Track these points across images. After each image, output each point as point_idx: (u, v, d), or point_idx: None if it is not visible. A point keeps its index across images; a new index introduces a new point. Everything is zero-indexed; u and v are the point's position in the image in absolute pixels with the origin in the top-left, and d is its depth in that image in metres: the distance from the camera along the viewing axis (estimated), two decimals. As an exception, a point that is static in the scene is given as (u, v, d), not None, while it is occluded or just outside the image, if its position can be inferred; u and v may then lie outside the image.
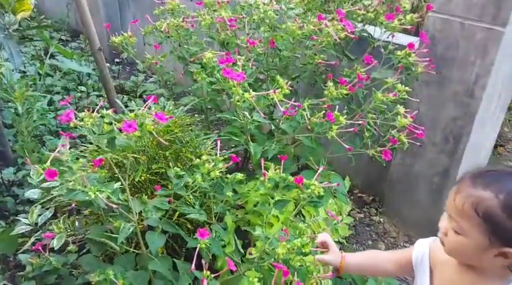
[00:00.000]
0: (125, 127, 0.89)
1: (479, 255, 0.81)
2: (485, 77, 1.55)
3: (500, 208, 0.76)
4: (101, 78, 2.33)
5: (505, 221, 0.76)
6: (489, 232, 0.78)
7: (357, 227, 2.09)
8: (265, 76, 1.73)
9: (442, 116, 1.74)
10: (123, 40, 1.78)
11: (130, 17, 3.53)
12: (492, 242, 0.78)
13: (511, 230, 0.76)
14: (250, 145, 1.50)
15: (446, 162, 1.81)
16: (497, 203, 0.76)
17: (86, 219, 1.51)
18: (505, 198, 0.76)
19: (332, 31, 1.41)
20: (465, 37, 1.55)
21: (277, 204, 1.13)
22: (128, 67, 3.55)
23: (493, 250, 0.79)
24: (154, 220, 1.08)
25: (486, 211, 0.77)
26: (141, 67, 1.88)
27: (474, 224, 0.80)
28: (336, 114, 1.32)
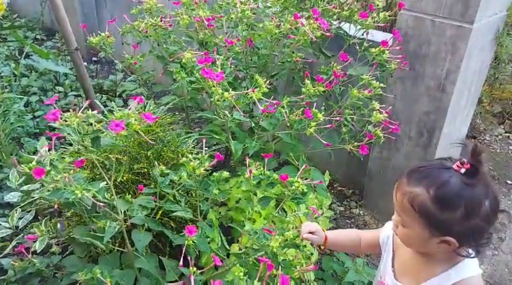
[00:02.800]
0: (113, 126, 0.91)
1: (424, 244, 0.89)
2: (456, 72, 1.61)
3: (432, 202, 0.83)
4: (79, 78, 2.30)
5: (438, 214, 0.83)
6: (427, 224, 0.85)
7: (337, 220, 2.14)
8: (244, 74, 1.75)
9: (416, 111, 1.80)
10: (101, 40, 1.77)
11: (107, 16, 3.48)
12: (432, 232, 0.86)
13: (445, 221, 0.83)
14: (231, 142, 1.52)
15: (421, 155, 1.87)
16: (428, 197, 0.83)
17: (68, 221, 1.51)
18: (435, 193, 0.83)
19: (308, 30, 1.44)
20: (436, 34, 1.61)
21: (261, 201, 1.16)
22: (106, 66, 3.51)
23: (434, 239, 0.86)
24: (139, 219, 1.10)
25: (421, 206, 0.84)
26: (120, 66, 1.87)
27: (413, 218, 0.87)
28: (314, 111, 1.36)
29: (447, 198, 0.82)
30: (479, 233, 0.84)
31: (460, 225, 0.82)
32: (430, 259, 0.92)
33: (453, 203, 0.82)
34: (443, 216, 0.83)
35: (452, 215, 0.82)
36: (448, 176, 0.82)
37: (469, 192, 0.81)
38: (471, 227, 0.82)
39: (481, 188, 0.82)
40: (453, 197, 0.82)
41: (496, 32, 1.73)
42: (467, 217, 0.81)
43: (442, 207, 0.83)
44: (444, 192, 0.82)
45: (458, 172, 0.82)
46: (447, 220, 0.83)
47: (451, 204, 0.82)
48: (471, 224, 0.82)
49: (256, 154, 1.57)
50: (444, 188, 0.82)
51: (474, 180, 0.81)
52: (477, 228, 0.83)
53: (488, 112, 2.66)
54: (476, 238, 0.85)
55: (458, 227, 0.83)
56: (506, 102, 2.80)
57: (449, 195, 0.82)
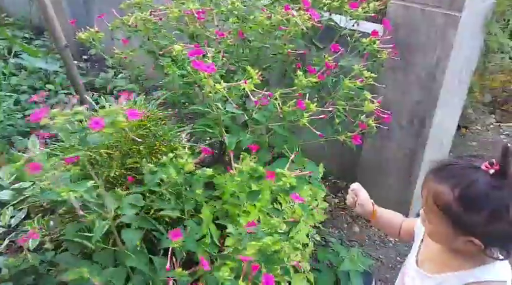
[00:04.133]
0: (92, 124, 0.89)
1: (449, 242, 0.87)
2: (446, 61, 1.62)
3: (456, 202, 0.81)
4: (69, 76, 2.28)
5: (462, 214, 0.81)
6: (450, 223, 0.84)
7: (332, 212, 2.16)
8: (236, 67, 1.75)
9: (407, 100, 1.81)
10: (90, 36, 1.75)
11: (97, 13, 3.45)
12: (456, 232, 0.84)
13: (469, 222, 0.81)
14: (224, 136, 1.52)
15: (413, 144, 1.89)
16: (453, 197, 0.81)
17: (61, 218, 1.50)
18: (460, 193, 0.80)
19: (299, 21, 1.44)
20: (426, 22, 1.62)
21: (250, 196, 1.16)
22: (97, 64, 3.48)
23: (460, 238, 0.84)
24: (129, 217, 1.09)
25: (445, 205, 0.83)
26: (110, 62, 1.86)
27: (438, 216, 0.85)
28: (307, 102, 1.36)
29: (472, 199, 0.80)
30: (506, 237, 0.81)
31: (484, 228, 0.80)
32: (458, 255, 0.90)
33: (478, 204, 0.80)
34: (467, 217, 0.81)
35: (476, 217, 0.80)
36: (475, 176, 0.80)
37: (496, 195, 0.79)
38: (497, 230, 0.80)
39: (509, 191, 0.79)
40: (479, 198, 0.80)
41: (484, 20, 1.74)
42: (492, 220, 0.79)
43: (467, 208, 0.81)
44: (469, 193, 0.80)
45: (487, 172, 0.79)
46: (471, 221, 0.81)
47: (476, 205, 0.80)
48: (497, 228, 0.80)
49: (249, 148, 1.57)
50: (469, 189, 0.80)
51: (503, 183, 0.78)
52: (504, 232, 0.80)
53: (479, 102, 2.68)
54: (504, 242, 0.82)
55: (483, 230, 0.81)
56: (497, 91, 2.82)
57: (474, 197, 0.80)
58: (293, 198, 1.20)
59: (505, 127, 2.90)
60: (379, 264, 1.92)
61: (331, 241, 1.92)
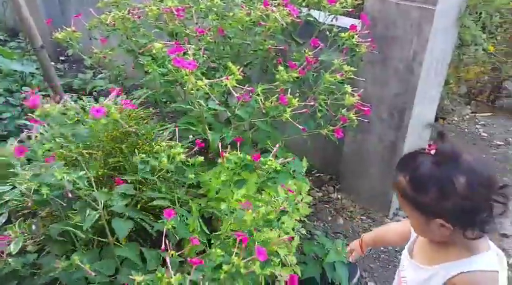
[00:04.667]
0: (93, 111, 0.90)
1: (428, 229, 0.89)
2: (422, 53, 1.67)
3: (409, 187, 0.86)
4: (46, 77, 2.23)
5: (416, 197, 0.86)
6: (414, 209, 0.88)
7: (317, 205, 2.18)
8: (217, 64, 1.75)
9: (386, 93, 1.85)
10: (67, 36, 1.72)
11: (73, 13, 3.38)
12: (425, 216, 0.87)
13: (425, 203, 0.85)
14: (208, 133, 1.52)
15: (393, 136, 1.93)
16: (406, 183, 0.87)
17: (42, 221, 1.47)
18: (409, 178, 0.86)
19: (279, 16, 1.45)
20: (402, 16, 1.66)
21: (237, 184, 1.18)
22: (74, 65, 3.42)
23: (432, 223, 0.87)
24: (119, 207, 1.09)
25: (403, 192, 0.88)
26: (89, 62, 1.83)
27: (405, 206, 0.90)
28: (289, 97, 1.38)
29: (420, 180, 0.85)
30: (466, 212, 0.83)
31: (440, 206, 0.83)
32: (448, 247, 0.92)
33: (426, 184, 0.84)
34: (421, 199, 0.85)
35: (428, 196, 0.84)
36: (420, 160, 0.86)
37: (439, 172, 0.83)
38: (452, 206, 0.83)
39: (450, 166, 0.83)
40: (425, 178, 0.84)
41: (458, 13, 1.80)
42: (442, 196, 0.83)
43: (417, 190, 0.85)
44: (416, 176, 0.85)
45: (429, 154, 0.85)
46: (425, 202, 0.85)
47: (424, 186, 0.84)
48: (451, 204, 0.82)
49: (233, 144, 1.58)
50: (416, 172, 0.85)
51: (443, 161, 0.83)
52: (461, 207, 0.83)
53: (455, 93, 2.76)
54: (467, 218, 0.84)
55: (440, 208, 0.84)
56: (472, 83, 2.91)
57: (421, 178, 0.85)
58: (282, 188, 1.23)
59: (480, 117, 2.99)
60: (363, 255, 1.95)
61: (316, 234, 1.95)
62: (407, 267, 1.03)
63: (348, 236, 2.03)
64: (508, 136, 2.79)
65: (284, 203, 1.34)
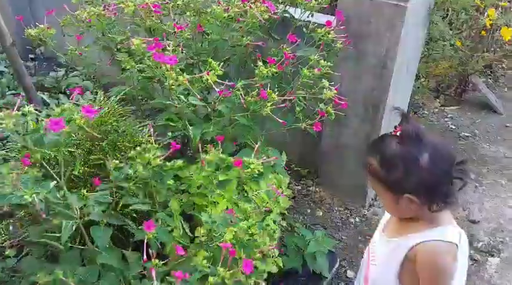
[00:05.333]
0: (52, 125, 0.87)
1: (397, 207, 0.98)
2: (395, 49, 1.73)
3: (379, 166, 0.95)
4: (17, 76, 2.16)
5: (387, 175, 0.94)
6: (385, 188, 0.97)
7: (296, 198, 2.23)
8: (195, 61, 1.75)
9: (361, 88, 1.90)
10: (40, 32, 1.69)
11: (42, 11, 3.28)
12: (394, 194, 0.96)
13: (394, 181, 0.94)
14: (188, 129, 1.53)
15: (368, 130, 1.99)
16: (376, 162, 0.95)
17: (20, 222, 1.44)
18: (380, 158, 0.95)
19: (257, 12, 1.48)
20: (375, 13, 1.71)
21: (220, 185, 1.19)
22: (45, 63, 3.32)
23: (401, 200, 0.95)
24: (97, 215, 1.07)
25: (373, 172, 0.97)
26: (63, 59, 1.79)
27: (377, 186, 0.99)
28: (269, 91, 1.40)
29: (388, 159, 0.94)
30: (431, 186, 0.92)
31: (407, 181, 0.92)
32: (415, 221, 1.00)
33: (393, 162, 0.93)
34: (391, 176, 0.94)
35: (397, 173, 0.92)
36: (388, 141, 0.95)
37: (401, 150, 0.92)
38: (418, 181, 0.91)
39: (413, 144, 0.92)
40: (392, 157, 0.93)
41: (427, 10, 1.87)
42: (408, 172, 0.92)
43: (387, 168, 0.94)
44: (385, 155, 0.94)
45: (395, 135, 0.94)
46: (395, 179, 0.93)
47: (393, 164, 0.93)
48: (417, 178, 0.91)
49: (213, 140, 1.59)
50: (384, 152, 0.95)
51: (406, 139, 0.92)
52: (426, 181, 0.91)
53: (424, 87, 2.86)
54: (432, 191, 0.93)
55: (407, 183, 0.92)
56: (440, 77, 3.03)
57: (389, 157, 0.94)
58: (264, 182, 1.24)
59: (448, 110, 3.12)
60: (342, 244, 2.01)
61: (296, 226, 1.99)
62: (378, 242, 1.12)
63: (327, 227, 2.09)
64: (475, 128, 2.92)
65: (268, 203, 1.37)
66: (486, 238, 2.06)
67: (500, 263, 1.94)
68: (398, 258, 1.00)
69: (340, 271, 1.87)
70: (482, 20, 2.34)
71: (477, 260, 1.96)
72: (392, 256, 1.02)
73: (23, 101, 2.17)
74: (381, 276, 1.07)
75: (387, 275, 1.03)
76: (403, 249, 0.99)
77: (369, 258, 1.13)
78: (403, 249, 0.99)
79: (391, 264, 1.02)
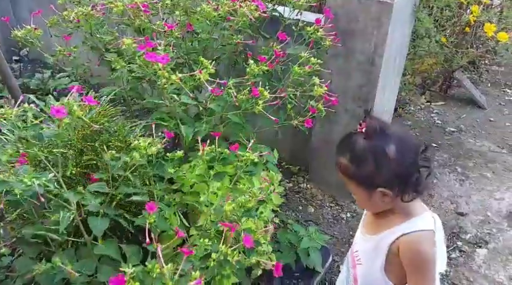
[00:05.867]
0: (53, 112, 0.88)
1: (372, 202, 1.00)
2: (382, 46, 1.76)
3: (349, 164, 0.97)
4: (2, 77, 2.13)
5: (357, 171, 0.97)
6: (358, 184, 0.99)
7: (287, 195, 2.24)
8: (185, 60, 1.75)
9: (350, 85, 1.93)
10: (27, 34, 1.66)
11: (25, 12, 3.23)
12: (367, 189, 0.98)
13: (367, 176, 0.96)
14: (180, 127, 1.53)
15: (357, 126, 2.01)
16: (347, 160, 0.97)
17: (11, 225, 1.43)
18: (349, 155, 0.97)
19: (247, 11, 1.48)
20: (363, 10, 1.74)
21: (216, 177, 1.20)
22: (29, 65, 3.27)
23: (374, 194, 0.97)
24: (94, 206, 1.08)
25: (345, 170, 0.99)
26: (51, 60, 1.77)
27: (350, 184, 1.01)
28: (260, 89, 1.41)
29: (358, 155, 0.96)
30: (402, 176, 0.95)
31: (379, 174, 0.94)
32: (390, 215, 1.03)
33: (362, 158, 0.95)
34: (361, 172, 0.96)
35: (368, 168, 0.95)
36: (355, 138, 0.97)
37: (370, 145, 0.94)
38: (389, 173, 0.94)
39: (380, 138, 0.94)
40: (360, 152, 0.95)
41: (413, 7, 1.91)
42: (379, 165, 0.94)
43: (357, 164, 0.96)
44: (354, 152, 0.96)
45: (361, 132, 0.96)
46: (367, 174, 0.95)
47: (362, 159, 0.95)
48: (388, 171, 0.94)
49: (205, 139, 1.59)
50: (353, 149, 0.96)
51: (371, 134, 0.94)
52: (396, 173, 0.94)
53: (411, 84, 2.91)
54: (404, 182, 0.95)
55: (379, 177, 0.94)
56: (426, 74, 3.08)
57: (358, 153, 0.95)
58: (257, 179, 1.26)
59: (434, 106, 3.18)
60: (334, 240, 2.04)
61: (289, 223, 2.01)
62: (359, 241, 1.14)
63: (318, 223, 2.11)
64: (460, 123, 2.98)
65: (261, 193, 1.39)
66: (474, 230, 2.11)
67: (487, 254, 1.98)
68: (381, 254, 1.02)
69: (333, 266, 1.90)
70: (465, 16, 2.39)
71: (466, 251, 2.00)
72: (375, 253, 1.04)
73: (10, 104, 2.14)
74: (368, 273, 1.09)
75: (373, 272, 1.05)
76: (384, 245, 1.01)
77: (355, 258, 1.14)
78: (385, 244, 1.01)
79: (376, 260, 1.04)
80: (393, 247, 1.00)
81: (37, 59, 3.27)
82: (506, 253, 1.98)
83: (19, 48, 3.19)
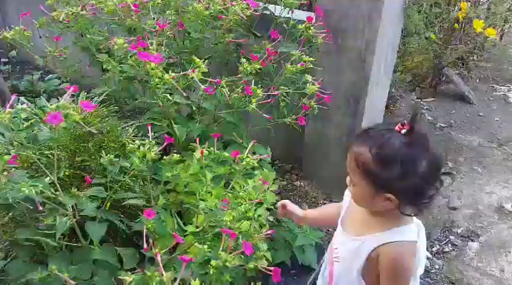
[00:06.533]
0: (50, 119, 0.87)
1: (371, 202, 0.95)
2: (373, 43, 1.77)
3: (373, 160, 0.89)
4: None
5: (379, 172, 0.89)
6: (370, 181, 0.92)
7: (281, 193, 2.25)
8: (176, 59, 1.75)
9: (342, 82, 1.94)
10: (16, 35, 1.65)
11: (13, 13, 3.19)
12: (376, 190, 0.92)
13: (385, 179, 0.89)
14: (174, 127, 1.52)
15: (350, 123, 2.03)
16: (370, 156, 0.90)
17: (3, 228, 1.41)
18: (376, 152, 0.89)
19: (239, 10, 1.49)
20: (353, 8, 1.75)
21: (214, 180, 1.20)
22: (18, 67, 3.24)
23: (380, 196, 0.92)
24: (91, 210, 1.07)
25: (364, 164, 0.91)
26: (41, 62, 1.75)
27: (359, 177, 0.93)
28: (253, 87, 1.42)
29: (386, 156, 0.88)
30: (418, 192, 0.90)
31: (399, 182, 0.88)
32: (378, 219, 0.99)
33: (391, 161, 0.87)
34: (383, 174, 0.89)
35: (391, 172, 0.88)
36: (389, 136, 0.89)
37: (405, 151, 0.87)
38: (409, 185, 0.88)
39: (418, 148, 0.87)
40: (392, 155, 0.88)
41: (403, 4, 1.92)
42: (404, 174, 0.87)
43: (382, 165, 0.88)
44: (383, 151, 0.88)
45: (399, 133, 0.89)
46: (386, 177, 0.89)
47: (390, 162, 0.88)
48: (410, 183, 0.88)
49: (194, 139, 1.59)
50: (383, 148, 0.88)
51: (411, 140, 0.87)
52: (416, 187, 0.89)
53: (401, 81, 2.94)
54: (416, 197, 0.91)
55: (397, 185, 0.89)
56: (416, 71, 3.11)
57: (388, 154, 0.88)
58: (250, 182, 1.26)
59: (425, 102, 3.21)
60: (329, 236, 2.05)
61: (283, 220, 2.01)
62: (340, 239, 1.09)
63: (313, 220, 2.12)
64: (450, 118, 3.02)
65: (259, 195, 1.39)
66: (466, 223, 2.14)
67: (479, 247, 2.01)
68: (361, 258, 0.99)
69: (328, 262, 1.91)
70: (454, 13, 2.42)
71: (458, 245, 2.03)
72: (355, 255, 1.01)
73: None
74: (344, 272, 1.06)
75: (350, 272, 1.03)
76: (366, 249, 0.99)
77: (333, 255, 1.11)
78: (366, 249, 0.98)
79: (354, 261, 1.01)
80: (373, 254, 0.97)
81: (25, 61, 3.24)
82: (497, 245, 2.01)
83: (7, 49, 3.15)
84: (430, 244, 2.02)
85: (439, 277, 1.87)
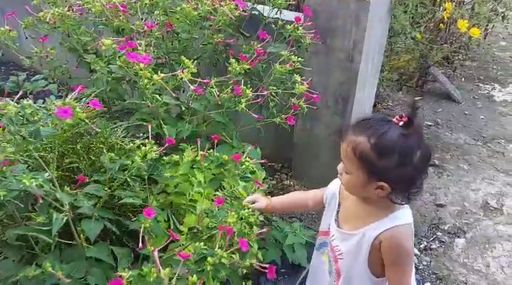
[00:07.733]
0: (60, 112, 0.88)
1: (363, 189, 0.99)
2: (361, 43, 1.79)
3: (371, 150, 0.93)
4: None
5: (376, 161, 0.93)
6: (366, 170, 0.95)
7: (272, 193, 2.26)
8: (165, 60, 1.74)
9: (331, 82, 1.96)
10: (1, 35, 1.62)
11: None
12: (370, 178, 0.96)
13: (382, 168, 0.94)
14: (163, 128, 1.52)
15: (339, 122, 2.05)
16: (369, 145, 0.93)
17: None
18: (375, 142, 0.93)
19: (227, 10, 1.49)
20: (341, 8, 1.76)
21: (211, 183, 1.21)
22: (3, 68, 3.18)
23: (372, 184, 0.97)
24: (87, 208, 1.07)
25: (361, 153, 0.94)
26: (27, 63, 1.73)
27: (355, 165, 0.97)
28: (243, 87, 1.42)
29: (385, 146, 0.92)
30: (410, 181, 0.95)
31: (394, 172, 0.93)
32: (371, 208, 1.03)
33: (390, 151, 0.92)
34: (380, 163, 0.93)
35: (388, 162, 0.92)
36: (387, 127, 0.93)
37: (403, 142, 0.92)
38: (403, 174, 0.93)
39: (415, 139, 0.93)
40: (390, 146, 0.92)
41: (389, 4, 1.95)
42: (400, 164, 0.92)
43: (380, 154, 0.92)
44: (382, 142, 0.92)
45: (397, 124, 0.93)
46: (383, 166, 0.93)
47: (388, 152, 0.92)
48: (404, 172, 0.93)
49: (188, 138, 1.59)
50: (382, 138, 0.92)
51: (410, 131, 0.92)
52: (409, 176, 0.94)
53: (388, 80, 2.97)
54: (408, 185, 0.96)
55: (393, 174, 0.93)
56: (403, 70, 3.15)
57: (386, 144, 0.92)
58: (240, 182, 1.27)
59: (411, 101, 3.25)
60: (319, 235, 2.06)
61: (274, 220, 2.02)
62: (337, 237, 1.12)
63: (302, 219, 2.14)
64: (437, 117, 3.07)
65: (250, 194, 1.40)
66: (452, 220, 2.18)
67: (465, 243, 2.05)
68: (364, 249, 1.03)
69: (319, 261, 1.92)
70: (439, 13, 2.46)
71: (445, 242, 2.06)
72: (358, 248, 1.04)
73: None
74: (352, 267, 1.09)
75: (357, 265, 1.06)
76: (367, 241, 1.02)
77: (335, 252, 1.14)
78: (367, 240, 1.02)
79: (358, 256, 1.04)
80: (376, 242, 1.01)
81: (10, 61, 3.19)
82: (483, 242, 2.05)
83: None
84: (418, 241, 2.05)
85: (427, 273, 1.90)
